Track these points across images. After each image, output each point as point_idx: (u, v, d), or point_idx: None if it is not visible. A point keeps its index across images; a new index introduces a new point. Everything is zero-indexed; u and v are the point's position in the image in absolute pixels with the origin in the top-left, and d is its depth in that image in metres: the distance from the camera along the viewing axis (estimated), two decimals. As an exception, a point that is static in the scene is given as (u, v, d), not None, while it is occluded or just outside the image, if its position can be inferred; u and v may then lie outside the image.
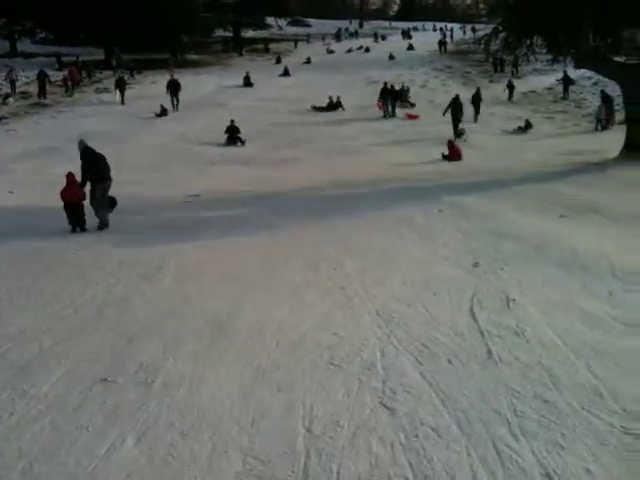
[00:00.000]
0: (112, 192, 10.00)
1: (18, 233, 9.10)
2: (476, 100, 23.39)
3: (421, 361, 4.81)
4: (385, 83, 26.33)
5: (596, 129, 20.88)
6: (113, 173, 10.07)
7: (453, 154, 15.88)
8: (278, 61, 42.19)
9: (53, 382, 4.53)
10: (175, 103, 26.65)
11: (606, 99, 21.59)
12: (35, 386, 4.47)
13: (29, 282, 6.93)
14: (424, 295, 6.23)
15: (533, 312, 5.74)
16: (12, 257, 7.98)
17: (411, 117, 24.85)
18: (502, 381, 4.51)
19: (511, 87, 28.25)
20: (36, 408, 4.19)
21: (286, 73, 36.91)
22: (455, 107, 20.74)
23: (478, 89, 24.23)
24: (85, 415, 4.11)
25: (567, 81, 27.37)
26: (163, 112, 25.11)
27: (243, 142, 19.82)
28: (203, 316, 5.82)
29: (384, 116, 25.26)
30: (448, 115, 20.66)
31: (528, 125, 21.34)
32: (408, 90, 27.67)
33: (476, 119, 23.00)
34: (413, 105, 26.36)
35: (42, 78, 29.40)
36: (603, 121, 20.93)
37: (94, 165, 9.56)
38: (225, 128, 20.09)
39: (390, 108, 25.41)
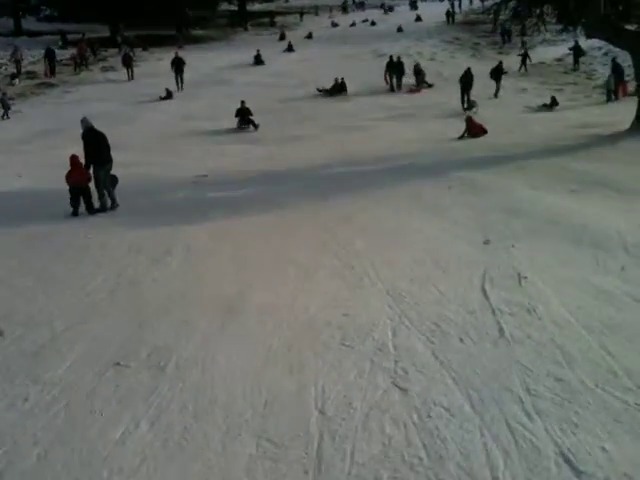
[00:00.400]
0: (120, 173, 9.99)
1: (28, 217, 9.14)
2: (497, 74, 22.40)
3: (433, 340, 4.80)
4: (391, 57, 26.03)
5: (608, 100, 20.61)
6: (120, 154, 10.07)
7: (473, 129, 15.37)
8: (282, 37, 40.83)
9: (66, 367, 4.57)
10: (180, 82, 26.02)
11: (616, 69, 21.26)
12: (48, 371, 4.51)
13: (40, 266, 6.96)
14: (435, 274, 6.20)
15: (545, 289, 5.70)
16: (23, 241, 8.02)
17: (413, 92, 24.54)
18: (514, 359, 4.50)
19: (524, 57, 27.61)
20: (50, 394, 4.23)
21: (290, 49, 36.03)
22: (465, 79, 20.58)
23: (500, 62, 23.36)
24: (98, 399, 4.15)
25: (578, 51, 26.87)
26: (168, 95, 24.35)
27: (256, 126, 18.35)
28: (214, 298, 5.84)
29: (390, 89, 25.04)
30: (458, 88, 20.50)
31: (554, 102, 20.17)
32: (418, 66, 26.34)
33: (497, 94, 22.16)
34: (430, 85, 25.62)
35: (50, 56, 29.27)
36: (613, 92, 20.69)
37: (96, 146, 9.46)
38: (235, 111, 18.70)
39: (395, 81, 25.18)
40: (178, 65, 26.29)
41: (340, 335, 4.96)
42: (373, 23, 45.95)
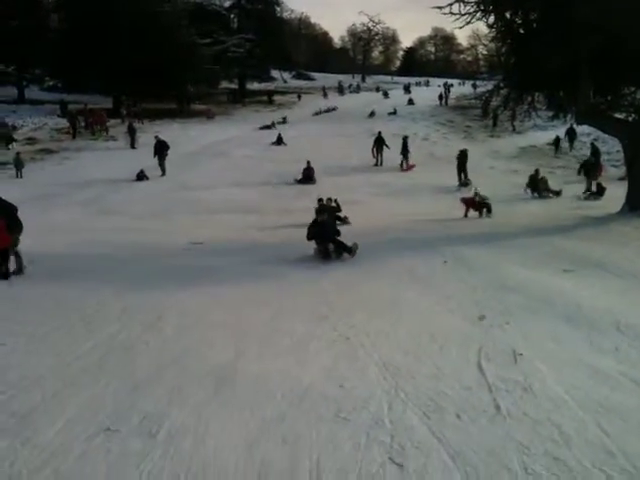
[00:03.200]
0: (114, 239, 10.07)
1: (19, 278, 9.16)
2: (591, 169, 20.20)
3: (429, 415, 4.73)
4: (379, 132, 27.09)
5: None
6: (115, 220, 10.17)
7: (472, 205, 15.42)
8: (271, 126, 36.50)
9: (56, 431, 4.46)
10: (162, 168, 23.59)
11: (595, 152, 22.65)
12: (38, 434, 4.40)
13: (32, 327, 6.89)
14: (430, 348, 6.18)
15: (540, 367, 5.68)
16: (16, 302, 7.99)
17: (409, 168, 25.16)
18: (511, 437, 4.43)
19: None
20: (39, 457, 4.12)
21: (280, 141, 31.25)
22: (462, 158, 21.91)
23: (594, 154, 22.09)
24: (89, 465, 4.04)
25: (572, 134, 27.83)
26: (140, 176, 22.61)
27: (351, 250, 10.72)
28: (206, 366, 5.77)
29: (375, 164, 25.87)
30: (452, 168, 21.28)
31: (601, 189, 18.81)
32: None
33: (599, 193, 19.03)
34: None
35: (73, 119, 32.11)
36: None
37: (12, 214, 9.55)
38: (309, 228, 11.14)
39: (381, 157, 26.10)
40: (160, 150, 23.80)
41: (335, 407, 4.89)
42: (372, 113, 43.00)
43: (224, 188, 20.45)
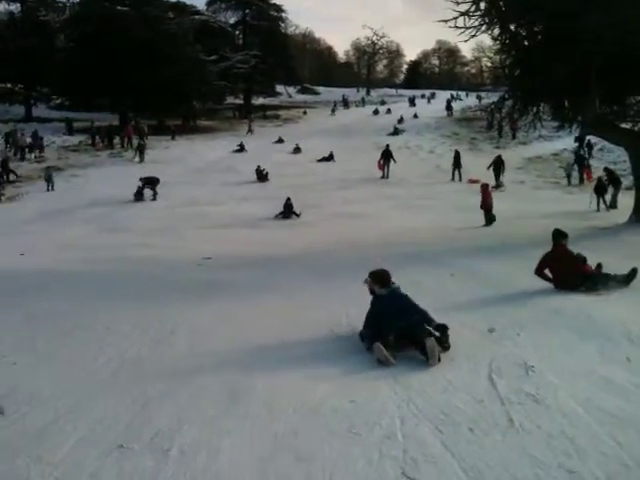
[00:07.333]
0: (122, 255, 10.15)
1: (32, 295, 9.17)
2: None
3: (442, 430, 4.70)
4: (387, 145, 27.33)
5: (568, 183, 23.54)
6: (123, 236, 10.24)
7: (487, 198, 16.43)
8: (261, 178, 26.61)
9: (69, 448, 4.46)
10: (154, 194, 22.82)
11: (578, 159, 24.72)
12: (51, 452, 4.41)
13: (43, 344, 6.92)
14: (441, 361, 6.16)
15: (552, 379, 5.64)
16: (27, 319, 8.02)
17: (473, 182, 23.70)
18: (525, 451, 4.40)
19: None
20: (51, 475, 4.12)
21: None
22: (498, 164, 23.76)
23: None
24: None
25: (582, 141, 27.78)
26: (138, 197, 22.43)
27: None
28: (217, 382, 5.76)
29: (382, 177, 25.99)
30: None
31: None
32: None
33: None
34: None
35: (109, 134, 35.23)
36: (571, 177, 23.80)
37: None
38: None
39: (387, 170, 26.30)
40: (151, 184, 22.91)
41: (347, 422, 4.86)
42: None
43: (233, 203, 20.51)
